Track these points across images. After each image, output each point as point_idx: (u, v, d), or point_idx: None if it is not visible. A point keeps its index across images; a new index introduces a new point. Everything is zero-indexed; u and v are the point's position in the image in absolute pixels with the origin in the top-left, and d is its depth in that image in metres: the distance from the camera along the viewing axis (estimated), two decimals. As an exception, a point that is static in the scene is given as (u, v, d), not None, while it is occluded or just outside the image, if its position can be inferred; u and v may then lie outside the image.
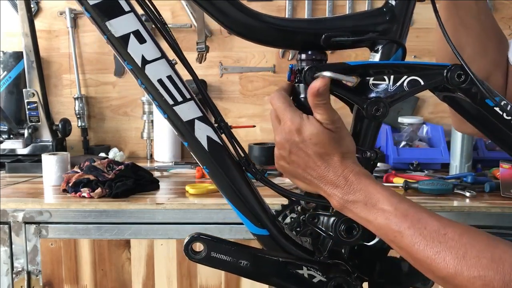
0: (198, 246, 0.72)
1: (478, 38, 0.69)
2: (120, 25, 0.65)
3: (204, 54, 1.82)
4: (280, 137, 0.68)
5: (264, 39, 0.72)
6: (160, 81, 0.67)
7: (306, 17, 1.97)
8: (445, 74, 0.67)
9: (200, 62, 1.84)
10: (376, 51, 0.73)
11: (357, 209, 0.64)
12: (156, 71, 0.67)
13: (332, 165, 0.65)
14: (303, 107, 0.68)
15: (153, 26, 0.71)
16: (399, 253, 0.63)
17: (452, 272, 0.56)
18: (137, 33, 0.66)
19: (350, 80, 0.67)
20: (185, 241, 0.71)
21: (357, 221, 0.66)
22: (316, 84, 0.65)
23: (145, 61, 0.67)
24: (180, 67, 0.72)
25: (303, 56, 0.71)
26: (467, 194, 1.46)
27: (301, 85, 0.70)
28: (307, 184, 0.69)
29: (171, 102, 0.68)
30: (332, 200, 0.66)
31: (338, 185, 0.65)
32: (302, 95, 0.70)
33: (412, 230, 0.59)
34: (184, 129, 0.70)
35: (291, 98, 0.71)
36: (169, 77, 0.68)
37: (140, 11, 0.68)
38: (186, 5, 1.99)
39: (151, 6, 0.69)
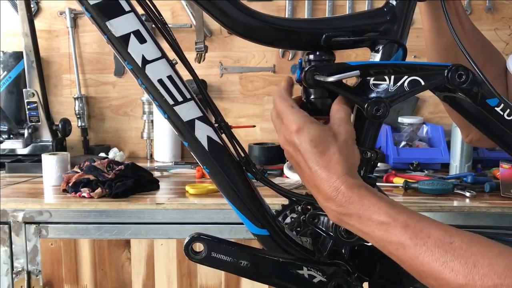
0: (198, 246, 0.72)
1: (473, 56, 0.70)
2: (121, 25, 0.65)
3: (203, 54, 1.82)
4: (281, 138, 0.67)
5: (264, 39, 0.72)
6: (160, 81, 0.67)
7: (306, 17, 1.97)
8: (445, 74, 0.67)
9: (199, 62, 1.84)
10: (377, 51, 0.72)
11: (353, 221, 0.61)
12: (157, 71, 0.67)
13: (326, 174, 0.62)
14: (313, 110, 0.68)
15: (153, 26, 0.71)
16: (403, 267, 0.58)
17: (462, 283, 0.51)
18: (137, 33, 0.65)
19: (355, 75, 0.67)
20: (185, 241, 0.71)
21: (357, 234, 0.63)
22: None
23: (145, 61, 0.66)
24: (180, 67, 0.72)
25: (311, 57, 0.70)
26: (467, 194, 1.46)
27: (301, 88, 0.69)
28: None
29: (171, 102, 0.68)
30: (328, 213, 0.64)
31: (330, 197, 0.62)
32: (312, 97, 0.70)
33: (415, 241, 0.55)
34: (184, 129, 0.69)
35: (292, 97, 0.70)
36: (170, 77, 0.68)
37: (140, 11, 0.68)
38: (186, 5, 1.99)
39: (151, 6, 0.69)
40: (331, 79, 0.65)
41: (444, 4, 0.74)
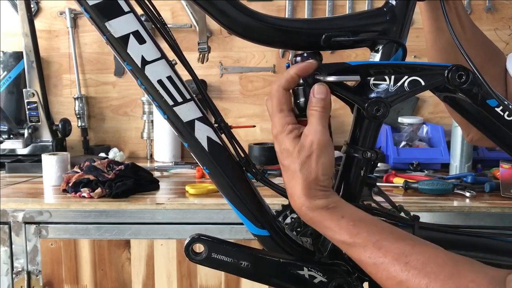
0: (199, 247, 0.72)
1: (473, 56, 0.70)
2: (120, 26, 0.65)
3: (206, 54, 1.82)
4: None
5: (264, 40, 0.72)
6: (160, 81, 0.67)
7: (306, 17, 1.97)
8: (446, 75, 0.67)
9: (202, 62, 1.84)
10: (377, 51, 0.72)
11: (320, 232, 0.65)
12: (156, 72, 0.67)
13: (290, 190, 0.64)
14: (302, 112, 0.68)
15: (153, 26, 0.71)
16: None
17: None
18: (136, 34, 0.65)
19: (355, 79, 0.67)
20: (186, 242, 0.71)
21: None
22: (319, 90, 0.64)
23: (145, 62, 0.66)
24: (179, 67, 0.72)
25: (299, 59, 0.70)
26: (467, 194, 1.46)
27: (300, 88, 0.69)
28: None
29: (171, 102, 0.68)
30: None
31: (298, 211, 0.64)
32: (300, 99, 0.70)
33: (373, 260, 0.58)
34: (184, 129, 0.69)
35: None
36: (169, 78, 0.68)
37: (139, 11, 0.68)
38: (186, 5, 1.99)
39: (150, 6, 0.69)
40: (330, 78, 0.65)
41: (443, 4, 0.74)
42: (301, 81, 0.68)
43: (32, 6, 1.96)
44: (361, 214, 0.64)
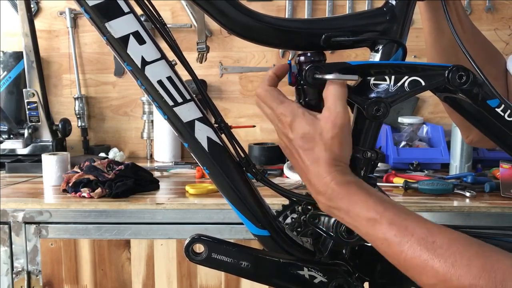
0: (199, 247, 0.72)
1: (473, 57, 0.70)
2: (120, 26, 0.65)
3: (205, 54, 1.82)
4: (278, 133, 0.68)
5: (264, 40, 0.72)
6: (160, 82, 0.67)
7: (306, 17, 1.97)
8: (446, 75, 0.67)
9: (201, 62, 1.84)
10: (377, 51, 0.72)
11: (342, 215, 0.63)
12: (156, 72, 0.67)
13: (316, 170, 0.64)
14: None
15: (153, 26, 0.71)
16: (389, 260, 0.61)
17: (441, 280, 0.54)
18: (136, 34, 0.65)
19: (353, 79, 0.67)
20: (186, 242, 0.71)
21: (346, 225, 0.65)
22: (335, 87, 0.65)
23: (144, 62, 0.66)
24: (179, 67, 0.72)
25: (302, 58, 0.70)
26: (467, 194, 1.46)
27: (300, 88, 0.69)
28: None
29: (171, 103, 0.68)
30: (319, 205, 0.66)
31: (320, 192, 0.64)
32: (306, 98, 0.70)
33: (399, 238, 0.58)
34: (184, 130, 0.70)
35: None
36: (169, 78, 0.68)
37: (139, 11, 0.68)
38: (186, 5, 1.99)
39: (150, 7, 0.69)
40: (329, 76, 0.66)
41: (445, 4, 0.74)
42: (302, 81, 0.69)
43: (32, 6, 1.96)
44: (384, 195, 0.64)
